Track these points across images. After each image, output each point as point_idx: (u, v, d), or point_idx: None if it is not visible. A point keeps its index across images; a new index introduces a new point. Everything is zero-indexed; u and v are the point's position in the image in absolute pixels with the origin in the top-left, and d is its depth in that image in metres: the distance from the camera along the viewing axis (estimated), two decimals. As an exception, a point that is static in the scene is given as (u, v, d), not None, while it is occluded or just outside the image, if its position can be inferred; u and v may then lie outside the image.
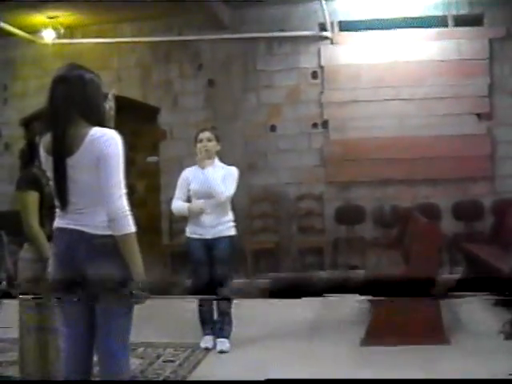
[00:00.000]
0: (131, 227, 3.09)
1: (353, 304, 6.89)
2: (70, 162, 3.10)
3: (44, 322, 4.16)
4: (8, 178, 10.57)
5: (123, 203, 3.08)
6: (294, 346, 5.69)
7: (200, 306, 5.79)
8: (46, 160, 3.21)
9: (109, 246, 3.10)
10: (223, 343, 5.65)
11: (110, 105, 3.60)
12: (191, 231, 5.75)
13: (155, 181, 10.42)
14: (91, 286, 3.11)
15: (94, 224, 3.13)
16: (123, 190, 3.11)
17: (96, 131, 3.10)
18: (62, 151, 3.11)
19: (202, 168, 5.74)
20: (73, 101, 3.16)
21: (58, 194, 3.20)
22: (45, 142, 3.21)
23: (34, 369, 4.16)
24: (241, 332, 5.86)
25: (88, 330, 3.22)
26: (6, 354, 5.49)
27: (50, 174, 3.20)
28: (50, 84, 3.24)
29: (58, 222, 3.25)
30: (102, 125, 3.17)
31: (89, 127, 3.11)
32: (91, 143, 3.08)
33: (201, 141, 5.75)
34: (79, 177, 3.12)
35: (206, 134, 5.79)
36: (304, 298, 7.41)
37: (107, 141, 3.09)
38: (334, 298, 7.61)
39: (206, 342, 5.70)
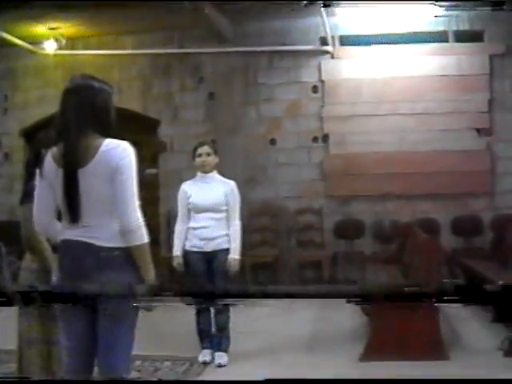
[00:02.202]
0: (145, 237, 3.12)
1: (351, 317, 6.86)
2: (82, 173, 3.09)
3: (46, 333, 4.12)
4: (7, 188, 10.59)
5: (138, 214, 3.10)
6: (292, 361, 5.66)
7: (198, 319, 5.76)
8: (54, 172, 3.16)
9: (116, 259, 3.11)
10: (221, 357, 5.63)
11: None
12: (191, 244, 5.70)
13: (154, 193, 10.39)
14: (98, 298, 3.11)
15: (102, 236, 3.12)
16: (137, 202, 3.12)
17: (109, 142, 3.11)
18: (74, 163, 3.09)
19: (202, 182, 5.76)
20: (84, 112, 3.15)
21: (68, 207, 3.16)
22: (54, 153, 3.17)
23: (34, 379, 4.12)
24: (239, 346, 5.83)
25: (89, 342, 3.20)
26: (6, 364, 5.46)
27: (57, 186, 3.16)
28: (62, 95, 3.21)
29: (65, 234, 3.22)
30: (111, 136, 3.17)
31: (101, 138, 3.12)
32: (106, 154, 3.08)
33: (200, 155, 5.75)
34: (90, 188, 3.10)
35: (205, 149, 5.78)
36: (302, 312, 7.42)
37: (122, 152, 3.11)
38: (332, 312, 7.60)
39: (205, 355, 5.67)
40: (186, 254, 5.71)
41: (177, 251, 5.70)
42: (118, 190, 3.08)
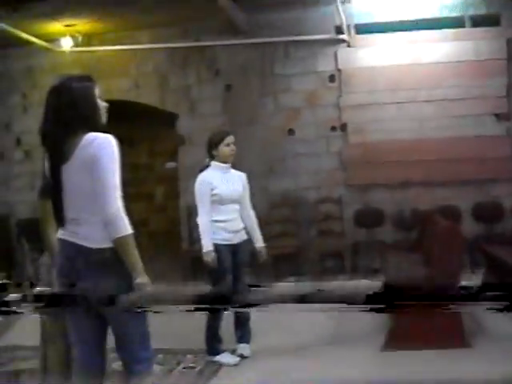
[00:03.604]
0: (128, 229, 3.09)
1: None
2: (65, 169, 3.14)
3: (66, 328, 4.16)
4: (28, 186, 10.66)
5: (118, 205, 3.07)
6: (314, 353, 5.65)
7: (212, 323, 5.53)
8: (48, 170, 3.28)
9: (106, 260, 3.11)
10: (244, 348, 5.61)
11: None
12: (220, 238, 5.50)
13: (174, 186, 10.44)
14: (91, 299, 3.13)
15: (91, 237, 3.13)
16: (119, 192, 3.10)
17: (89, 136, 3.12)
18: (57, 160, 3.17)
19: (222, 172, 5.62)
20: (63, 111, 3.18)
21: (53, 203, 3.26)
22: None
23: (56, 376, 4.16)
24: (260, 339, 5.83)
25: (96, 338, 3.24)
26: (29, 361, 5.51)
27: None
28: (45, 98, 3.29)
29: (60, 233, 3.28)
30: (98, 130, 3.19)
31: (83, 134, 3.13)
32: (84, 148, 3.10)
33: (228, 145, 5.58)
34: (74, 184, 3.14)
35: (232, 138, 5.64)
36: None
37: (100, 144, 3.10)
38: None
39: (224, 357, 5.51)
40: (215, 248, 5.48)
41: (208, 246, 5.42)
42: (96, 180, 3.08)
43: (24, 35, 9.12)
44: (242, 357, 5.55)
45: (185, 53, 10.12)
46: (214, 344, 5.53)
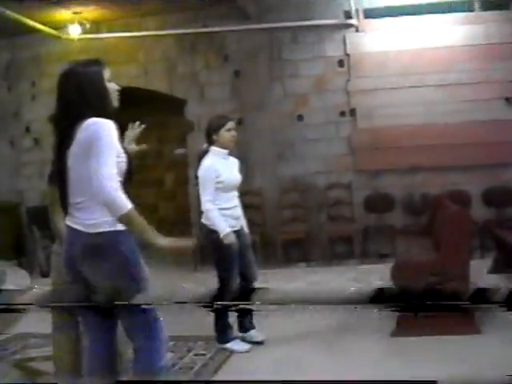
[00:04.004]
0: (127, 205, 3.08)
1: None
2: (69, 155, 3.18)
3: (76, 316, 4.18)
4: (38, 174, 10.70)
5: (113, 184, 3.06)
6: (324, 340, 5.66)
7: (222, 310, 5.35)
8: (55, 155, 3.36)
9: (100, 246, 3.13)
10: (257, 334, 5.58)
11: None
12: (229, 225, 5.41)
13: (183, 173, 10.45)
14: (93, 287, 3.16)
15: (89, 222, 3.15)
16: (114, 171, 3.09)
17: (89, 121, 3.13)
18: (62, 145, 3.22)
19: (223, 159, 5.53)
20: (68, 96, 3.22)
21: (59, 191, 3.31)
22: None
23: (67, 364, 4.18)
24: (270, 327, 5.83)
25: (105, 328, 3.26)
26: (40, 349, 5.54)
27: None
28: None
29: (66, 219, 3.31)
30: (104, 115, 3.18)
31: (86, 119, 3.15)
32: (82, 132, 3.12)
33: (229, 130, 5.51)
34: (75, 169, 3.17)
35: (233, 124, 5.59)
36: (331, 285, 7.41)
37: (97, 128, 3.11)
38: (362, 286, 7.61)
39: (237, 344, 5.50)
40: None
41: (226, 228, 5.32)
42: (92, 161, 3.08)
43: (32, 23, 9.11)
44: (258, 343, 5.54)
45: (193, 39, 10.10)
46: (224, 332, 5.52)
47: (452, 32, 9.32)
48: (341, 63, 9.71)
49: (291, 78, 9.87)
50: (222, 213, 5.42)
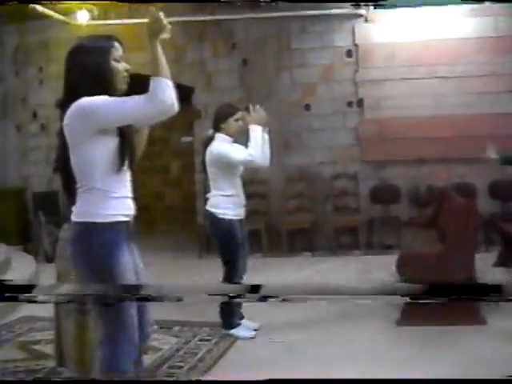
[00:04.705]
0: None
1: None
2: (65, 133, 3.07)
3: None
4: (44, 159, 10.72)
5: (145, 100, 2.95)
6: (327, 328, 5.67)
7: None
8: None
9: (73, 235, 3.07)
10: (250, 323, 5.59)
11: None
12: (233, 213, 5.42)
13: (190, 160, 10.46)
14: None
15: (76, 211, 3.07)
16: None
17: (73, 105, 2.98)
18: (61, 128, 3.09)
19: (232, 145, 5.49)
20: (71, 72, 3.10)
21: (61, 177, 3.21)
22: None
23: (71, 350, 4.17)
24: (272, 314, 5.84)
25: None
26: (44, 332, 5.57)
27: None
28: None
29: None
30: (110, 94, 3.01)
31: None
32: (67, 113, 3.01)
33: (237, 120, 5.50)
34: (70, 151, 3.07)
35: (242, 114, 5.53)
36: (336, 278, 7.42)
37: (72, 107, 2.97)
38: (368, 275, 7.63)
39: (244, 330, 5.51)
40: (231, 223, 5.41)
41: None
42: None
43: (41, 9, 9.10)
44: (257, 329, 5.56)
45: (201, 26, 10.08)
46: (229, 318, 5.52)
47: (461, 24, 9.29)
48: (349, 53, 9.69)
49: (299, 67, 9.86)
50: (231, 199, 5.43)
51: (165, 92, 2.92)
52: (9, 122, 11.13)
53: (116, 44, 3.15)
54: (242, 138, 5.52)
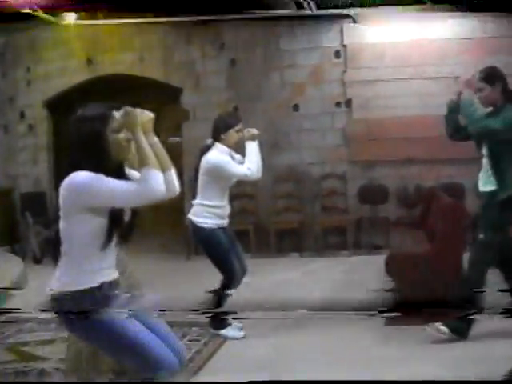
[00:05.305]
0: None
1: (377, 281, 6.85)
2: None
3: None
4: (32, 160, 10.68)
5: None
6: (317, 328, 5.67)
7: (218, 299, 5.45)
8: None
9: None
10: (237, 325, 5.56)
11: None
12: (215, 223, 5.41)
13: (178, 161, 10.40)
14: None
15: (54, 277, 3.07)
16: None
17: (65, 181, 2.96)
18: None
19: (230, 157, 5.47)
20: (70, 145, 3.07)
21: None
22: None
23: (85, 360, 4.10)
24: (260, 313, 5.82)
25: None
26: (33, 333, 5.55)
27: None
28: None
29: None
30: (101, 169, 2.95)
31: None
32: (62, 192, 2.98)
33: (238, 131, 5.45)
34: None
35: (242, 125, 5.49)
36: (323, 278, 7.42)
37: (68, 181, 2.94)
38: (355, 276, 7.63)
39: (235, 330, 5.50)
40: (212, 231, 5.41)
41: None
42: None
43: (28, 9, 9.06)
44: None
45: (189, 27, 10.06)
46: (219, 318, 5.50)
47: (449, 24, 9.31)
48: (337, 54, 9.71)
49: (288, 67, 9.86)
50: (211, 210, 5.42)
51: (154, 182, 2.95)
52: (-4, 123, 11.09)
53: (115, 113, 3.05)
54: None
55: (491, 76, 5.15)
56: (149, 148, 2.99)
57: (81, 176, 2.90)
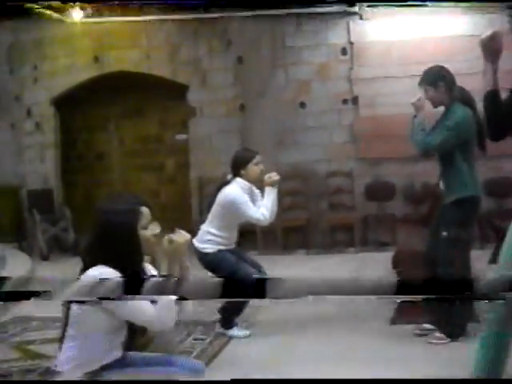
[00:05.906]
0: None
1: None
2: None
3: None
4: (39, 157, 10.70)
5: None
6: (322, 327, 5.66)
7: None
8: None
9: None
10: (241, 328, 5.54)
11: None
12: (220, 248, 5.40)
13: (185, 158, 10.44)
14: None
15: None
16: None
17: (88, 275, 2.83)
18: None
19: (249, 194, 5.41)
20: (95, 238, 3.00)
21: None
22: None
23: None
24: (264, 314, 5.83)
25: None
26: (39, 331, 5.56)
27: None
28: None
29: None
30: (128, 264, 2.88)
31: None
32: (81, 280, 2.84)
33: (257, 164, 5.39)
34: None
35: (260, 158, 5.44)
36: (330, 272, 7.40)
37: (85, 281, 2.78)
38: (362, 273, 7.61)
39: (240, 330, 5.50)
40: (216, 253, 5.39)
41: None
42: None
43: (35, 6, 9.08)
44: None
45: (196, 24, 10.06)
46: (230, 317, 5.47)
47: (456, 22, 9.28)
48: (344, 51, 9.69)
49: (294, 65, 9.85)
50: (216, 240, 5.40)
51: (169, 314, 2.93)
52: (3, 120, 11.10)
53: (145, 209, 3.03)
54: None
55: (431, 77, 5.24)
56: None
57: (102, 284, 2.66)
